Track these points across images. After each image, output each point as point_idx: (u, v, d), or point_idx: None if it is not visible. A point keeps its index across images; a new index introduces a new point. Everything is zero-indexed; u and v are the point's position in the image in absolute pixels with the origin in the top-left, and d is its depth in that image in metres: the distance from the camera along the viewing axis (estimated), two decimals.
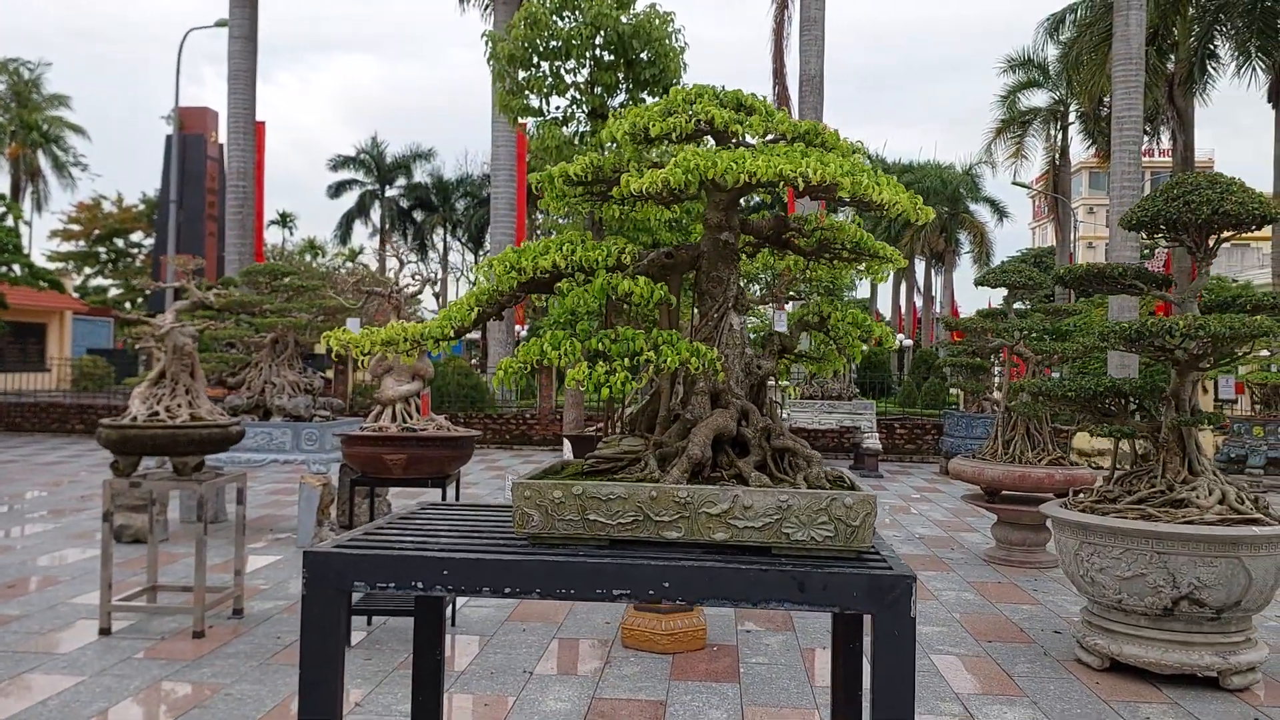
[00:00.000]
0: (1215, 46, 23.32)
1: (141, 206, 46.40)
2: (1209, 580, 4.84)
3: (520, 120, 8.49)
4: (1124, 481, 5.38)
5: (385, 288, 6.18)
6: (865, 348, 2.91)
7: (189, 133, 30.08)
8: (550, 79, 8.02)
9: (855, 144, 2.63)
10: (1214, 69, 23.84)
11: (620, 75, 8.18)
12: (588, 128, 8.31)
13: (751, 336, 2.76)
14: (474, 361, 28.73)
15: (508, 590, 2.25)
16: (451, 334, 2.47)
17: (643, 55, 8.06)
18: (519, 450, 17.93)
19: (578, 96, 8.25)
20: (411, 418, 5.39)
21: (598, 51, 8.05)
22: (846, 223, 2.72)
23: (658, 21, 7.93)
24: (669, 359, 2.28)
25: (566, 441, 8.78)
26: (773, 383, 3.13)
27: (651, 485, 2.33)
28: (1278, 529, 4.87)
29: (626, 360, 2.31)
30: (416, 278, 5.99)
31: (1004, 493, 8.13)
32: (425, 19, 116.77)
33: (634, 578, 2.24)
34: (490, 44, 8.24)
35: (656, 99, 8.55)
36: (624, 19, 7.87)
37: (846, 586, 2.21)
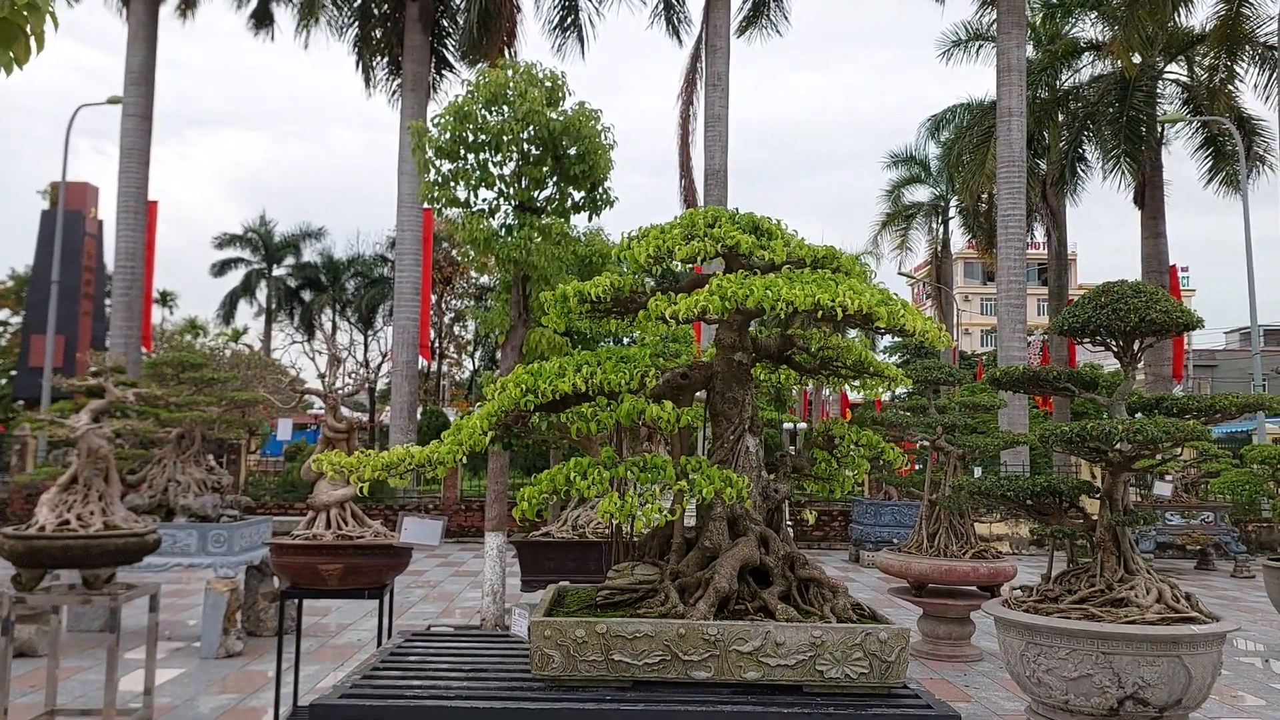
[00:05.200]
0: (1084, 151, 24.97)
1: (10, 283, 44.08)
2: (1152, 680, 4.92)
3: (444, 210, 8.39)
4: (1064, 580, 5.47)
5: (321, 387, 5.92)
6: (867, 465, 2.89)
7: (67, 209, 28.87)
8: (478, 171, 7.96)
9: (864, 267, 2.64)
10: (1083, 171, 25.49)
11: (548, 170, 8.19)
12: (514, 220, 8.26)
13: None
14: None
15: None
16: (464, 459, 2.34)
17: (571, 151, 8.07)
18: None
19: (504, 189, 8.20)
20: (347, 524, 5.12)
21: (526, 146, 8.04)
22: (853, 342, 2.71)
23: (586, 119, 7.97)
24: (703, 488, 2.20)
25: (489, 537, 8.51)
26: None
27: (680, 622, 2.22)
28: (1213, 627, 5.00)
29: (658, 490, 2.22)
30: (354, 376, 5.76)
31: (929, 585, 8.20)
32: (314, 98, 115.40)
33: None
34: (415, 135, 8.15)
35: (584, 194, 8.54)
36: (554, 115, 7.88)
37: None
